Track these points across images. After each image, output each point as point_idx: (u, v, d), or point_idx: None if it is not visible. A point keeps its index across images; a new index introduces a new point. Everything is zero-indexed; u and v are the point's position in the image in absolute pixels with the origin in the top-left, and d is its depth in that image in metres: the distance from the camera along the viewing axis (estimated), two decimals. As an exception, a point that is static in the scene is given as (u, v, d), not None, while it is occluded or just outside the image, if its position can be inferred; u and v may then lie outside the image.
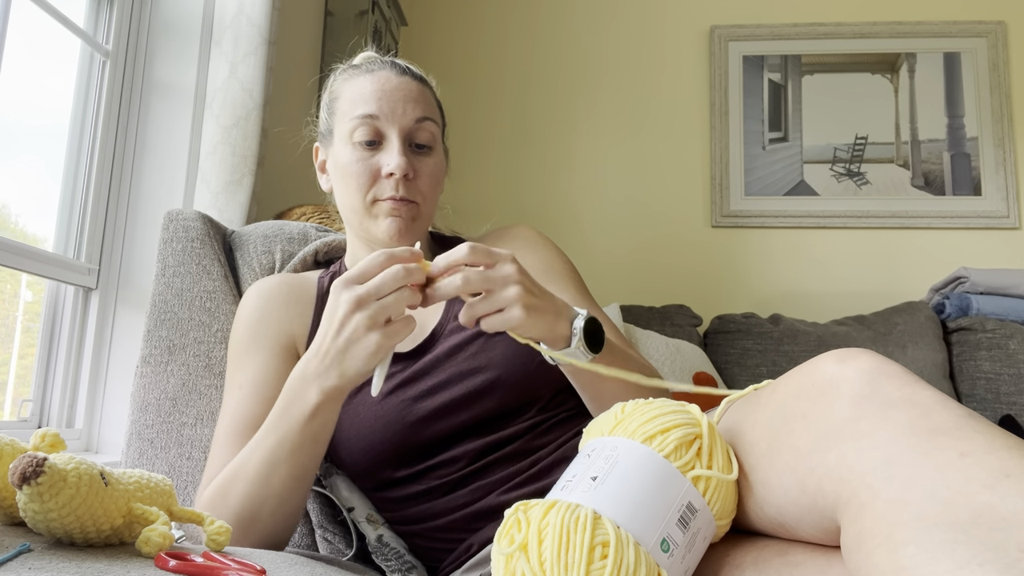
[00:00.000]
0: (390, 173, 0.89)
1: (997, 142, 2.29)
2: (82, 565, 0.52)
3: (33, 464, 0.50)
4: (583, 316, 0.75)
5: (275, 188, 1.62)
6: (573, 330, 0.74)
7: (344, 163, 0.92)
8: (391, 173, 0.89)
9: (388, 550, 0.88)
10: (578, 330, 0.73)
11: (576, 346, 0.73)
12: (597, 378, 0.79)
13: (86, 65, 1.33)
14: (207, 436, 1.03)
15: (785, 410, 0.56)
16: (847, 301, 2.27)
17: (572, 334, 0.73)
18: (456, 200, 1.16)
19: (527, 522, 0.52)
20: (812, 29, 2.40)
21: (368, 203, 0.92)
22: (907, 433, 0.48)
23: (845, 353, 0.54)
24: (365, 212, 0.92)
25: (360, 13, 1.97)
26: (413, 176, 0.91)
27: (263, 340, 0.92)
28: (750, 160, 2.37)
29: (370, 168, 0.91)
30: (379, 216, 0.92)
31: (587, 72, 2.46)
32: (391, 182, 0.90)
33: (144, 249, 1.34)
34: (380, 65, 0.96)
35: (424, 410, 0.85)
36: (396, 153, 0.90)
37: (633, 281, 2.35)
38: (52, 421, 1.26)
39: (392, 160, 0.89)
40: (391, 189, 0.90)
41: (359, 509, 0.92)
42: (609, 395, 0.82)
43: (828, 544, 0.54)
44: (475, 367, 0.87)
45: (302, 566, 0.67)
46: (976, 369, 1.89)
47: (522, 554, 0.50)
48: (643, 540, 0.50)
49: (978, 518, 0.42)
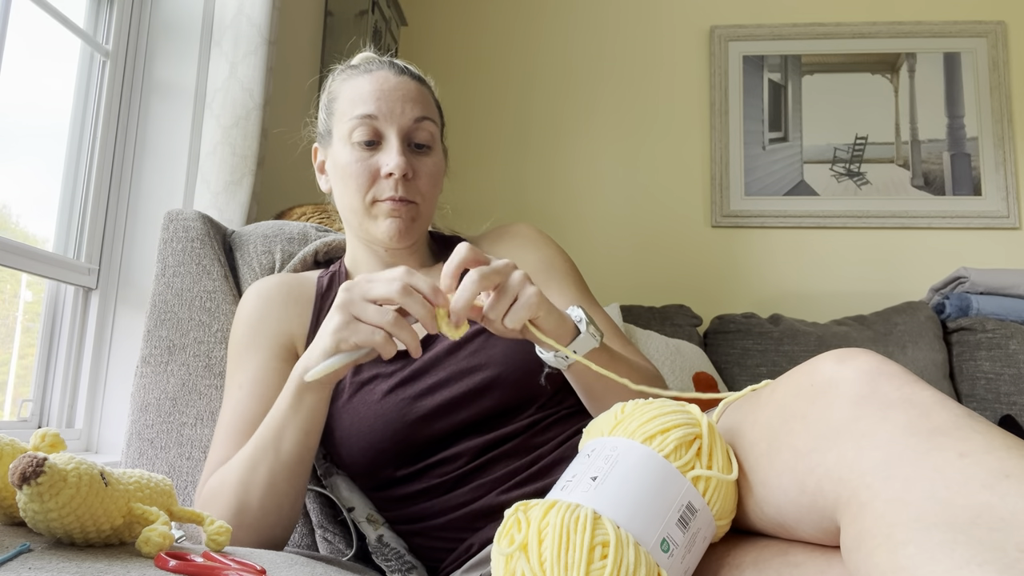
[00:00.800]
0: (389, 173, 0.90)
1: (997, 142, 2.29)
2: (82, 565, 0.52)
3: (33, 464, 0.51)
4: (576, 307, 0.78)
5: (275, 188, 1.62)
6: (576, 319, 0.77)
7: (343, 163, 0.92)
8: (390, 173, 0.90)
9: (388, 550, 0.88)
10: (582, 317, 0.76)
11: (587, 331, 0.75)
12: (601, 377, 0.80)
13: (86, 65, 1.33)
14: (207, 436, 1.03)
15: (784, 410, 0.56)
16: (847, 301, 2.27)
17: (577, 322, 0.76)
18: (457, 199, 1.16)
19: (527, 522, 0.52)
20: (812, 29, 2.40)
21: (368, 203, 0.92)
22: (906, 433, 0.48)
23: (844, 353, 0.54)
24: (365, 212, 0.92)
25: (360, 13, 1.97)
26: (412, 176, 0.92)
27: (263, 340, 0.92)
28: (750, 160, 2.37)
29: (369, 168, 0.91)
30: (379, 217, 0.92)
31: (587, 72, 2.46)
32: (390, 182, 0.90)
33: (144, 249, 1.35)
34: (378, 65, 0.96)
35: (424, 408, 0.85)
36: (395, 153, 0.90)
37: (633, 281, 2.35)
38: (52, 421, 1.26)
39: (391, 160, 0.90)
40: (390, 189, 0.90)
41: (359, 509, 0.92)
42: (612, 395, 0.82)
43: (828, 544, 0.54)
44: (475, 365, 0.87)
45: (302, 566, 0.67)
46: (976, 369, 1.89)
47: (522, 554, 0.50)
48: (643, 540, 0.50)
49: (977, 518, 0.42)
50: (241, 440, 0.84)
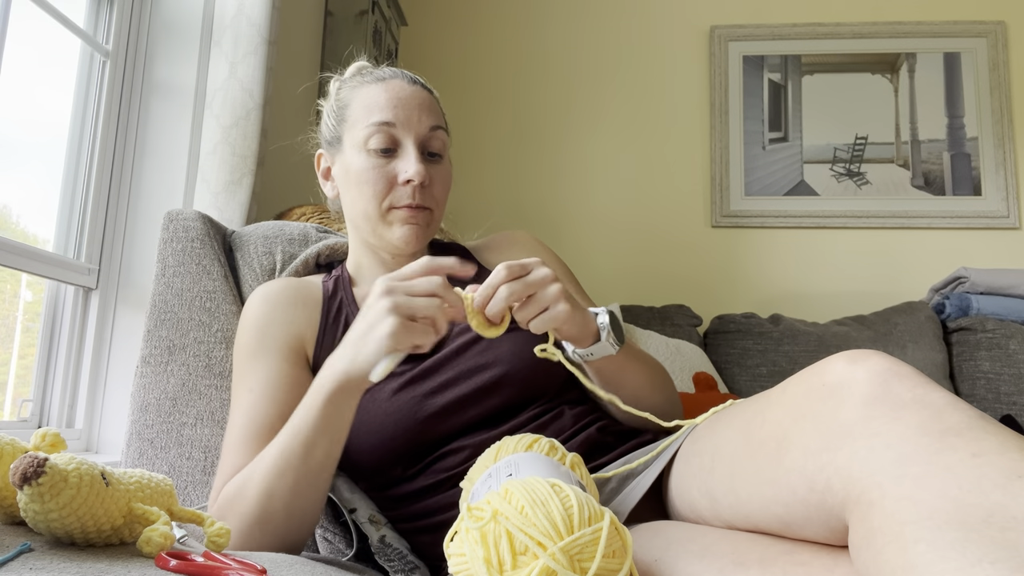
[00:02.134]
0: (408, 180, 0.91)
1: (997, 142, 2.29)
2: (83, 565, 0.52)
3: (34, 464, 0.50)
4: (605, 311, 0.81)
5: (275, 188, 1.62)
6: (600, 325, 0.80)
7: (358, 170, 0.93)
8: (409, 180, 0.90)
9: (391, 551, 0.88)
10: (605, 324, 0.80)
11: (606, 339, 0.80)
12: (616, 374, 0.84)
13: (86, 65, 1.33)
14: (207, 436, 1.03)
15: (795, 409, 0.56)
16: (847, 301, 2.27)
17: (600, 328, 0.80)
18: (456, 201, 1.17)
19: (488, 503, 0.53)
20: (812, 29, 2.40)
21: (384, 210, 0.93)
22: (918, 433, 0.48)
23: (856, 354, 0.55)
24: (380, 219, 0.93)
25: (360, 13, 1.97)
26: (428, 183, 0.93)
27: (271, 343, 0.92)
28: (750, 160, 2.37)
29: (386, 175, 0.92)
30: (394, 223, 0.93)
31: (588, 72, 2.46)
32: (408, 189, 0.91)
33: (144, 249, 1.34)
34: (391, 74, 0.97)
35: (434, 406, 0.86)
36: (414, 160, 0.91)
37: (633, 281, 2.35)
38: (52, 421, 1.25)
39: (411, 167, 0.91)
40: (408, 196, 0.91)
41: (361, 510, 0.92)
42: (629, 389, 0.86)
43: (835, 544, 0.54)
44: (483, 363, 0.89)
45: (302, 566, 0.67)
46: (976, 369, 1.89)
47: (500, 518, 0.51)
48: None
49: (990, 517, 0.42)
50: (257, 445, 0.83)
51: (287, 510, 0.76)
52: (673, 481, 0.73)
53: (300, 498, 0.76)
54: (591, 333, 0.79)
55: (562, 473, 0.62)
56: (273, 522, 0.76)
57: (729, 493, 0.63)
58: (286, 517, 0.76)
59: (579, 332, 0.78)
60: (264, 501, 0.76)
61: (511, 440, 0.71)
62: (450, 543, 0.54)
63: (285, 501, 0.76)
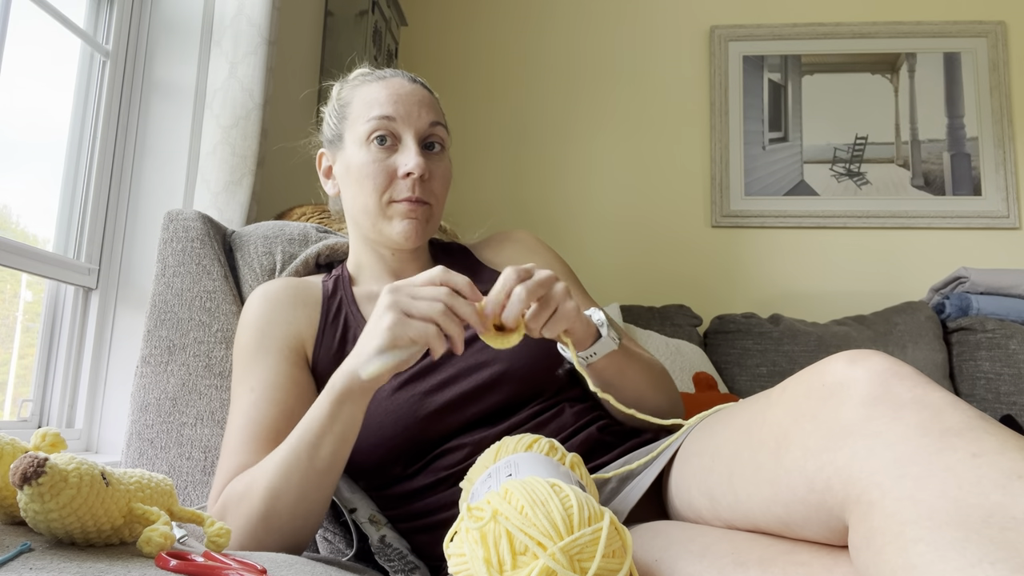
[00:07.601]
0: (407, 173, 0.91)
1: (997, 142, 2.29)
2: (83, 565, 0.52)
3: (34, 464, 0.50)
4: (597, 310, 0.84)
5: (275, 188, 1.62)
6: (598, 322, 0.82)
7: (359, 164, 0.93)
8: (408, 173, 0.91)
9: (391, 551, 0.88)
10: (603, 320, 0.82)
11: (608, 334, 0.81)
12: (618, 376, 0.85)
13: (86, 65, 1.33)
14: (207, 436, 1.03)
15: (795, 409, 0.56)
16: (847, 301, 2.27)
17: (598, 325, 0.82)
18: (456, 201, 1.18)
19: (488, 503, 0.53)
20: (812, 29, 2.40)
21: (384, 204, 0.93)
22: (918, 433, 0.48)
23: (856, 354, 0.55)
24: (380, 213, 0.93)
25: (360, 13, 1.97)
26: (428, 177, 0.93)
27: (272, 343, 0.92)
28: (750, 160, 2.37)
29: (386, 169, 0.92)
30: (394, 218, 0.93)
31: (588, 72, 2.46)
32: (408, 183, 0.92)
33: (144, 249, 1.34)
34: (392, 73, 0.99)
35: (435, 404, 0.87)
36: (414, 154, 0.91)
37: (633, 281, 2.35)
38: (52, 421, 1.25)
39: (410, 160, 0.91)
40: (407, 190, 0.92)
41: (361, 510, 0.92)
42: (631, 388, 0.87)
43: (834, 544, 0.54)
44: (483, 361, 0.89)
45: (302, 566, 0.67)
46: (976, 369, 1.89)
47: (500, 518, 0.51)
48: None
49: (990, 517, 0.42)
50: (258, 445, 0.83)
51: (292, 510, 0.76)
52: (673, 481, 0.73)
53: (305, 499, 0.76)
54: (592, 333, 0.81)
55: (562, 473, 0.62)
56: (278, 522, 0.76)
57: (729, 493, 0.63)
58: (291, 517, 0.76)
59: (584, 331, 0.79)
60: (270, 500, 0.75)
61: (511, 440, 0.71)
62: (450, 543, 0.54)
63: (290, 501, 0.76)
